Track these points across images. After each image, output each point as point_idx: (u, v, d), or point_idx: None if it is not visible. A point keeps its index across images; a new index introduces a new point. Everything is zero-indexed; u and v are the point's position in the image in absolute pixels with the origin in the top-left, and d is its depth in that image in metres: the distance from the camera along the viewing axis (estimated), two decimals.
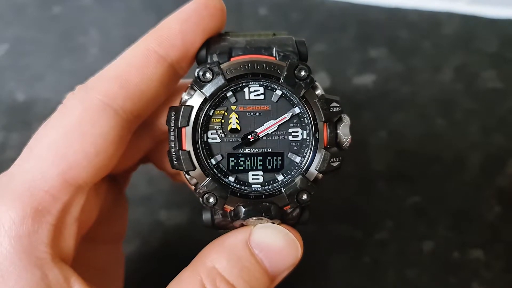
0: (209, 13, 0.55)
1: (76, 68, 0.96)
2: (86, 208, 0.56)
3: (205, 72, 0.54)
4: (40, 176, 0.51)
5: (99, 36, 1.01)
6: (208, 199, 0.54)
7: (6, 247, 0.49)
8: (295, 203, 0.55)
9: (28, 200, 0.50)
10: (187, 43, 0.55)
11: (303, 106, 0.55)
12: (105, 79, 0.54)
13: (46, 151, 0.52)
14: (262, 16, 1.03)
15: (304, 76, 0.54)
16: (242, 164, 0.56)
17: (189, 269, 0.53)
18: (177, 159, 0.54)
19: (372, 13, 1.03)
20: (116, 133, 0.53)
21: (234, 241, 0.54)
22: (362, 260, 0.84)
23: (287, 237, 0.54)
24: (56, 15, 1.02)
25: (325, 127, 0.55)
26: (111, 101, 0.53)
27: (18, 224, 0.49)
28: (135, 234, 0.84)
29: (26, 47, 0.99)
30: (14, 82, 0.96)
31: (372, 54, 0.98)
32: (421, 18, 1.02)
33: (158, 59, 0.54)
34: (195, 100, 0.54)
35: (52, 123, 0.53)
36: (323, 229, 0.85)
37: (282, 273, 0.55)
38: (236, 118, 0.55)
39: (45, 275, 0.49)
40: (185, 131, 0.54)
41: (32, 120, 0.92)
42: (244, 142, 0.56)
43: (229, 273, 0.52)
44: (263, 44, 0.56)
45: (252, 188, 0.56)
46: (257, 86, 0.55)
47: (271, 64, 0.54)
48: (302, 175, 0.55)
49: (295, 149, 0.56)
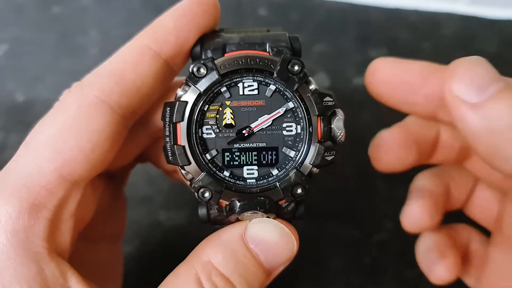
0: (203, 9, 0.56)
1: (76, 68, 0.97)
2: (83, 204, 0.56)
3: (199, 67, 0.54)
4: (37, 171, 0.51)
5: (98, 37, 1.01)
6: (203, 193, 0.54)
7: (3, 242, 0.49)
8: (289, 197, 0.55)
9: (24, 195, 0.50)
10: (181, 39, 0.55)
11: (297, 100, 0.55)
12: (101, 76, 0.54)
13: (43, 147, 0.52)
14: (261, 16, 1.03)
15: (298, 71, 0.54)
16: (237, 159, 0.56)
17: (185, 264, 0.53)
18: (172, 154, 0.54)
19: (372, 13, 1.03)
20: (112, 129, 0.54)
21: (230, 235, 0.54)
22: (362, 261, 0.84)
23: (282, 231, 0.54)
24: (55, 16, 1.03)
25: (318, 121, 0.55)
26: (107, 98, 0.53)
27: (15, 218, 0.49)
28: (134, 234, 0.85)
29: (26, 48, 1.00)
30: (13, 82, 0.97)
31: (372, 54, 0.98)
32: (421, 18, 1.02)
33: (153, 56, 0.55)
34: (189, 96, 0.55)
35: (49, 119, 0.54)
36: (323, 229, 0.85)
37: (278, 267, 0.55)
38: (230, 113, 0.56)
39: (42, 269, 0.50)
40: (180, 126, 0.54)
41: (31, 120, 0.90)
42: (238, 137, 0.56)
43: (224, 267, 0.52)
44: (256, 40, 0.57)
45: (247, 183, 0.56)
46: (251, 81, 0.56)
47: (264, 59, 0.55)
48: (297, 169, 0.55)
49: (290, 144, 0.56)
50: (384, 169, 0.66)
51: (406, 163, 0.66)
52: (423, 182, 0.71)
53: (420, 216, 0.68)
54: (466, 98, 0.52)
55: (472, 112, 0.52)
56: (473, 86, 0.52)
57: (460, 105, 0.53)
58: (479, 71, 0.52)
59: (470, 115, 0.52)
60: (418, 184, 0.72)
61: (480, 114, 0.51)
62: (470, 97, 0.52)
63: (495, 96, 0.51)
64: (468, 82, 0.52)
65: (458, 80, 0.53)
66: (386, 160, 0.66)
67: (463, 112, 0.53)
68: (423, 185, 0.71)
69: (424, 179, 0.71)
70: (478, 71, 0.52)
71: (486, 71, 0.52)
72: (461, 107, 0.53)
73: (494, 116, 0.51)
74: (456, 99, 0.53)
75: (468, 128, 0.53)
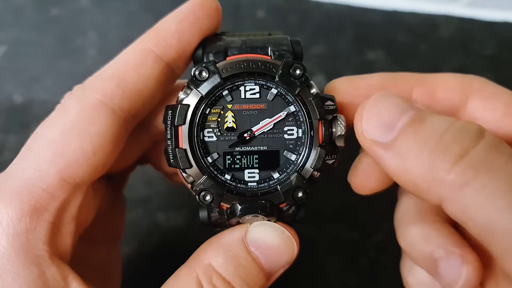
0: (205, 13, 0.56)
1: (74, 70, 0.97)
2: (84, 207, 0.56)
3: (201, 71, 0.54)
4: (38, 174, 0.51)
5: (97, 38, 1.01)
6: (204, 196, 0.55)
7: (4, 245, 0.49)
8: (290, 201, 0.55)
9: (26, 198, 0.50)
10: (183, 42, 0.55)
11: (298, 104, 0.55)
12: (103, 78, 0.54)
13: (44, 150, 0.52)
14: (260, 18, 1.03)
15: (299, 75, 0.54)
16: (238, 162, 0.56)
17: (185, 267, 0.53)
18: (173, 157, 0.54)
19: (369, 15, 1.03)
20: (114, 132, 0.54)
21: (231, 238, 0.54)
22: (360, 262, 0.84)
23: (283, 235, 0.54)
24: (54, 17, 1.03)
25: (320, 125, 0.55)
26: (109, 100, 0.53)
27: (16, 221, 0.49)
28: (132, 236, 0.85)
29: (24, 49, 1.00)
30: (12, 84, 0.97)
31: (369, 56, 0.99)
32: (419, 20, 1.02)
33: (155, 59, 0.55)
34: (191, 99, 0.55)
35: (50, 122, 0.54)
36: (320, 230, 0.86)
37: (278, 270, 0.55)
38: (232, 116, 0.56)
39: (43, 272, 0.50)
40: (181, 130, 0.54)
41: (30, 122, 0.92)
42: (240, 140, 0.56)
43: (225, 270, 0.52)
44: (258, 43, 0.57)
45: (248, 186, 0.56)
46: (253, 84, 0.56)
47: (266, 63, 0.55)
48: (298, 173, 0.55)
49: (291, 147, 0.56)
50: (367, 192, 0.62)
51: (389, 182, 0.62)
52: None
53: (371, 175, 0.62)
54: (377, 138, 0.50)
55: (385, 153, 0.50)
56: (380, 125, 0.50)
57: (373, 147, 0.51)
58: (385, 108, 0.50)
59: (384, 155, 0.50)
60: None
61: (392, 154, 0.49)
62: (380, 137, 0.50)
63: (403, 132, 0.48)
64: (376, 122, 0.50)
65: (365, 121, 0.51)
66: (368, 185, 0.62)
67: (377, 154, 0.51)
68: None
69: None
70: (384, 108, 0.50)
71: (393, 106, 0.50)
72: (374, 148, 0.51)
73: (405, 154, 0.48)
74: (368, 141, 0.51)
75: (387, 169, 0.51)
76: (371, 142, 0.50)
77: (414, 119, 0.49)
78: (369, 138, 0.50)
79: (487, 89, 0.57)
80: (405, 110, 0.50)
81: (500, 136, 0.55)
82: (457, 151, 0.45)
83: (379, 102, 0.51)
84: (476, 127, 0.47)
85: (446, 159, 0.46)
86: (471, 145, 0.46)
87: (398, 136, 0.48)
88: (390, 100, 0.51)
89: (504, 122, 0.56)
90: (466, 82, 0.58)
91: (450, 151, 0.46)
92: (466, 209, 0.45)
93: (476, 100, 0.57)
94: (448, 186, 0.46)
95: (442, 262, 0.56)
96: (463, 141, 0.46)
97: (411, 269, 0.63)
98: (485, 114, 0.57)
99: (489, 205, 0.44)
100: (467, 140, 0.46)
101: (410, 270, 0.63)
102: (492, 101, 0.57)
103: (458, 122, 0.48)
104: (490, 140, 0.46)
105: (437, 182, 0.46)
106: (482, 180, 0.44)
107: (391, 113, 0.50)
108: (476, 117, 0.57)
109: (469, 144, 0.46)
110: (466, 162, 0.45)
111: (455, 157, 0.45)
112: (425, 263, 0.58)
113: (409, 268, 0.63)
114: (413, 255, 0.60)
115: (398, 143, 0.48)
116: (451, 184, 0.45)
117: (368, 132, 0.50)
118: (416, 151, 0.47)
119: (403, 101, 0.50)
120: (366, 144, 0.51)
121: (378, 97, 0.52)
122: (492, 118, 0.56)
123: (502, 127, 0.56)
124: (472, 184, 0.44)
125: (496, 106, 0.56)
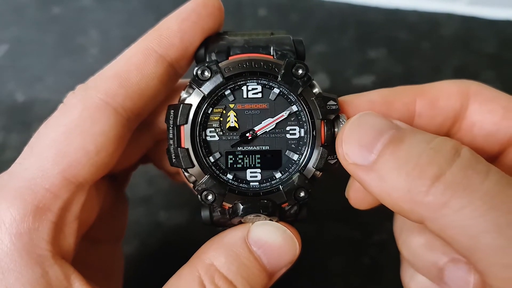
0: (208, 12, 0.56)
1: (76, 68, 0.97)
2: (87, 207, 0.56)
3: (204, 70, 0.54)
4: (41, 174, 0.51)
5: (98, 37, 1.01)
6: (206, 196, 0.55)
7: (7, 244, 0.49)
8: (292, 200, 0.55)
9: (29, 198, 0.50)
10: (186, 42, 0.55)
11: (301, 104, 0.55)
12: (105, 78, 0.54)
13: (47, 149, 0.52)
14: (261, 17, 1.03)
15: (302, 75, 0.54)
16: (240, 162, 0.56)
17: (188, 266, 0.53)
18: (175, 157, 0.54)
19: (371, 14, 1.03)
20: (116, 131, 0.54)
21: (233, 238, 0.54)
22: (361, 261, 0.84)
23: (285, 234, 0.54)
24: (55, 16, 1.03)
25: (322, 125, 0.55)
26: (111, 100, 0.53)
27: (19, 221, 0.49)
28: (134, 235, 0.85)
29: (26, 48, 1.00)
30: (13, 82, 0.97)
31: (371, 55, 0.98)
32: (421, 19, 1.02)
33: (158, 58, 0.55)
34: (193, 98, 0.55)
35: (53, 122, 0.54)
36: (322, 230, 0.86)
37: (280, 270, 0.55)
38: (234, 116, 0.56)
39: (46, 272, 0.50)
40: (183, 129, 0.54)
41: (31, 120, 0.92)
42: (242, 140, 0.56)
43: (227, 270, 0.52)
44: (261, 43, 0.57)
45: (250, 186, 0.56)
46: (255, 84, 0.56)
47: (269, 62, 0.55)
48: (300, 173, 0.55)
49: (293, 147, 0.56)
50: (366, 207, 0.62)
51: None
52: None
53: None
54: (358, 161, 0.49)
55: (367, 175, 0.49)
56: (360, 148, 0.49)
57: (355, 170, 0.50)
58: (363, 130, 0.50)
59: (366, 178, 0.49)
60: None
61: (374, 176, 0.48)
62: (361, 160, 0.49)
63: (382, 153, 0.48)
64: (356, 145, 0.50)
65: (345, 145, 0.50)
66: (365, 201, 0.61)
67: (360, 177, 0.50)
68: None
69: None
70: (362, 130, 0.50)
71: (371, 127, 0.50)
72: (357, 172, 0.50)
73: (385, 176, 0.48)
74: (350, 165, 0.50)
75: (370, 191, 0.50)
76: (353, 166, 0.50)
77: (392, 140, 0.48)
78: (351, 162, 0.50)
79: (485, 93, 0.57)
80: (383, 130, 0.49)
81: (500, 138, 0.56)
82: (433, 172, 0.45)
83: (357, 124, 0.51)
84: (452, 146, 0.47)
85: (423, 181, 0.45)
86: (447, 165, 0.45)
87: (378, 158, 0.48)
88: (369, 121, 0.50)
89: (503, 124, 0.56)
90: (464, 88, 0.58)
91: (426, 172, 0.45)
92: (446, 228, 0.45)
93: (475, 104, 0.57)
94: (427, 207, 0.45)
95: (448, 270, 0.56)
96: (439, 161, 0.45)
97: (413, 276, 0.63)
98: (485, 117, 0.57)
99: (469, 225, 0.43)
100: (443, 160, 0.45)
101: (412, 277, 0.63)
102: (491, 104, 0.57)
103: (434, 140, 0.48)
104: (466, 158, 0.46)
105: (417, 203, 0.46)
106: (460, 201, 0.44)
107: (370, 135, 0.49)
108: (476, 120, 0.57)
109: (444, 165, 0.45)
110: (443, 183, 0.45)
111: (431, 179, 0.45)
112: (430, 272, 0.58)
113: (411, 276, 0.63)
114: (417, 264, 0.59)
115: (378, 165, 0.48)
116: (430, 205, 0.45)
117: (349, 156, 0.50)
118: (395, 173, 0.47)
119: (382, 120, 0.50)
120: (349, 168, 0.51)
121: (356, 119, 0.51)
122: (491, 121, 0.56)
123: (501, 129, 0.56)
124: (450, 205, 0.44)
125: (494, 109, 0.56)
